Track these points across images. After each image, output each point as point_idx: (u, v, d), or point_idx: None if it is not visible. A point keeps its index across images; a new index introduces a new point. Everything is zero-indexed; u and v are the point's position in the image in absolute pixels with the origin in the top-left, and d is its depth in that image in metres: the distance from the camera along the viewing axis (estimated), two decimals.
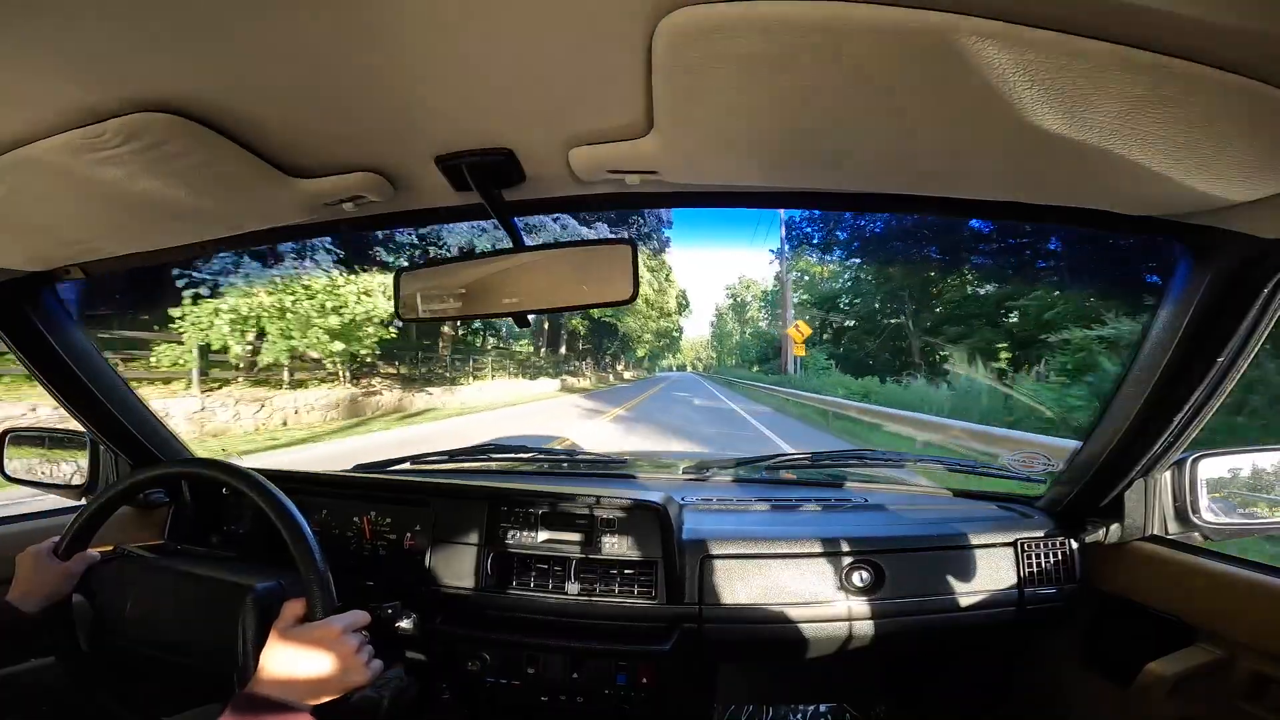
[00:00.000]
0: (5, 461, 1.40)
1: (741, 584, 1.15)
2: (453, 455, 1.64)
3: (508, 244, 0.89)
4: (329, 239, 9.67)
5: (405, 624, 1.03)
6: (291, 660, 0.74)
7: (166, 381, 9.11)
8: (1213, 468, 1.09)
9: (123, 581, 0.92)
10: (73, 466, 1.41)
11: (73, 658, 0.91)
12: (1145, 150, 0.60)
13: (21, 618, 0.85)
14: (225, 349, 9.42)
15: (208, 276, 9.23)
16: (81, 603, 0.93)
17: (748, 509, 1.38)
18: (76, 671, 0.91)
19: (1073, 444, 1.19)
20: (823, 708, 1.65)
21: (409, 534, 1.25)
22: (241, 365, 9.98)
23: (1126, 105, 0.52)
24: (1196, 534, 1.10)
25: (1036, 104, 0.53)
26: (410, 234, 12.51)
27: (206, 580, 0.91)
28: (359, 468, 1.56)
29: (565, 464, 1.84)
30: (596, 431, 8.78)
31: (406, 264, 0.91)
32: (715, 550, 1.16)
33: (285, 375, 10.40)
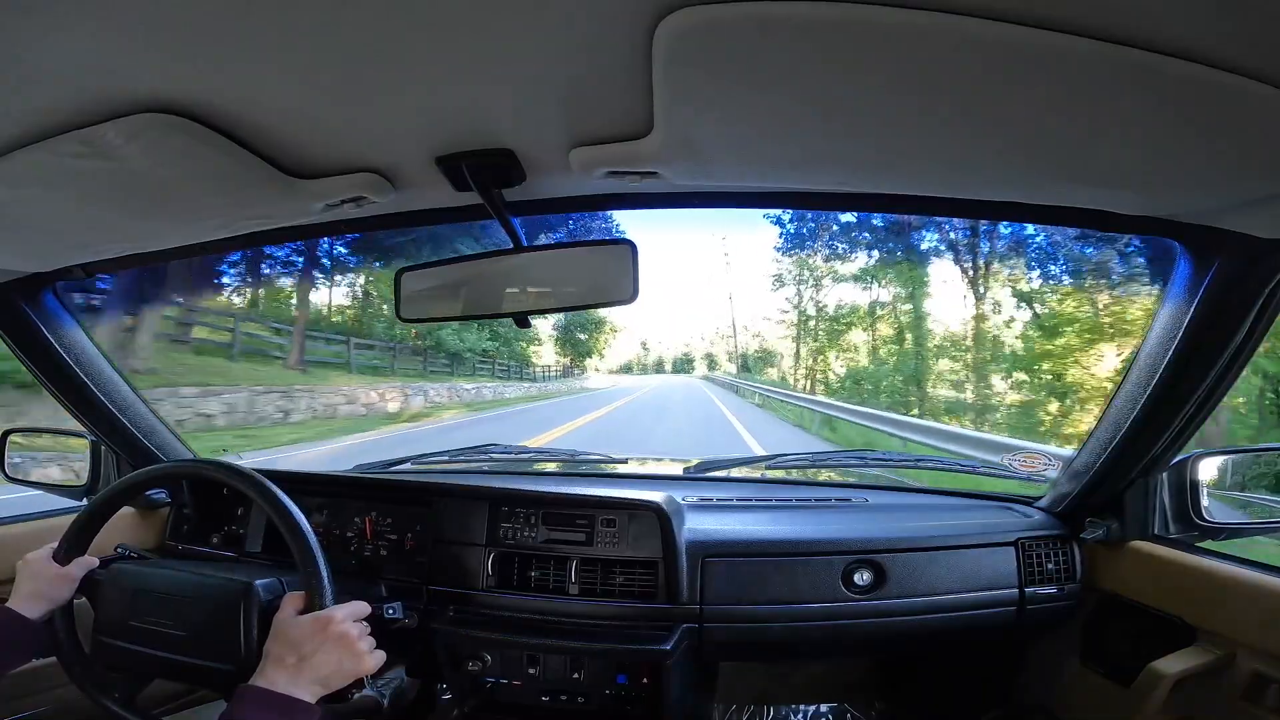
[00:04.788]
0: (6, 462, 1.40)
1: (742, 584, 1.15)
2: (453, 455, 1.64)
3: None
4: None
5: (406, 624, 1.03)
6: (294, 651, 0.74)
7: None
8: (1213, 468, 1.09)
9: (124, 583, 0.92)
10: (73, 467, 1.41)
11: (75, 659, 0.91)
12: (1145, 150, 0.60)
13: (24, 623, 0.85)
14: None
15: None
16: (83, 605, 0.93)
17: (748, 509, 1.38)
18: (80, 673, 0.91)
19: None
20: (823, 708, 1.65)
21: (410, 534, 1.25)
22: None
23: (1127, 105, 0.52)
24: (1196, 534, 1.10)
25: (1036, 104, 0.53)
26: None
27: (207, 580, 0.91)
28: (360, 468, 1.56)
29: (566, 464, 1.84)
30: None
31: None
32: (716, 550, 1.16)
33: None
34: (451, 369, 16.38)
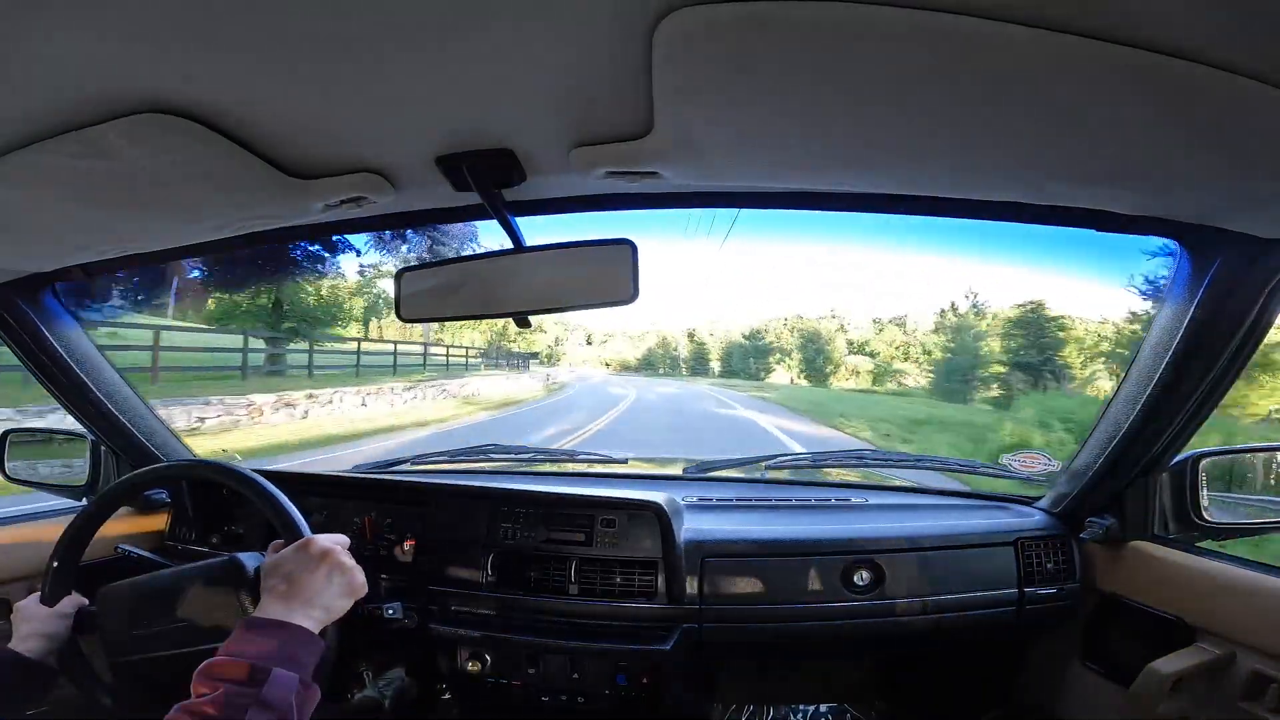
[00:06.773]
0: (6, 462, 1.40)
1: (741, 584, 1.15)
2: (453, 455, 1.64)
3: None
4: None
5: (406, 624, 1.03)
6: (283, 579, 0.75)
7: None
8: (1213, 468, 1.09)
9: (116, 601, 0.92)
10: (73, 467, 1.41)
11: (94, 685, 0.91)
12: (1145, 150, 0.60)
13: (25, 664, 0.86)
14: None
15: None
16: (87, 635, 0.93)
17: (748, 509, 1.38)
18: (101, 694, 0.91)
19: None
20: (823, 708, 1.65)
21: (409, 534, 1.25)
22: None
23: (1127, 105, 0.52)
24: (1196, 534, 1.10)
25: (1037, 105, 0.53)
26: None
27: (193, 570, 0.91)
28: (359, 468, 1.56)
29: (565, 464, 1.84)
30: None
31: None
32: (715, 550, 1.16)
33: None
34: None
